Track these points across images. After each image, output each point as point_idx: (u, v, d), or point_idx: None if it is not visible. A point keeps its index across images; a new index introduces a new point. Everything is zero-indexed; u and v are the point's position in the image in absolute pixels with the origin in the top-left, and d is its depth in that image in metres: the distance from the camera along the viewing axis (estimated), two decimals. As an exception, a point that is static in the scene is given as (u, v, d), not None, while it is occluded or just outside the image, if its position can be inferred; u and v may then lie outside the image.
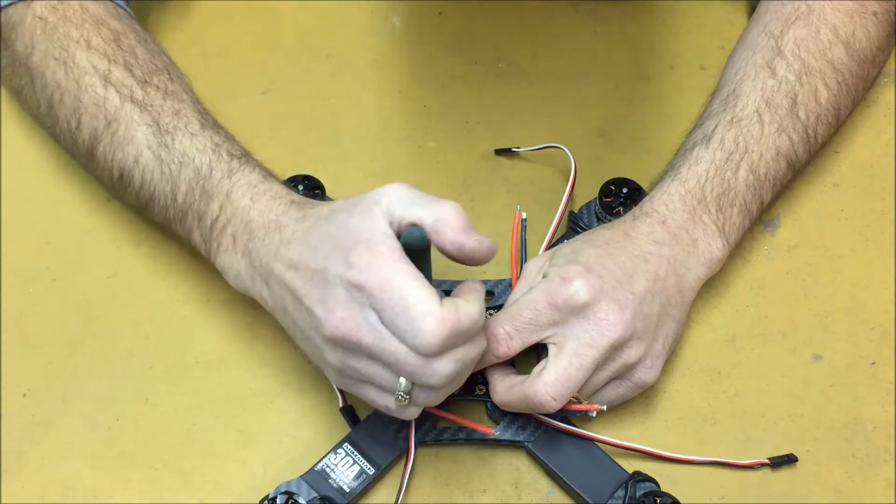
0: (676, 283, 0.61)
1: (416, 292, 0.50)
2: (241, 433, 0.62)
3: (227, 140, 0.62)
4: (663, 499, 0.57)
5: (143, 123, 0.62)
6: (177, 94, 0.63)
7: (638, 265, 0.59)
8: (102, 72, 0.63)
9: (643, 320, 0.58)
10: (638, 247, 0.60)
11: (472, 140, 0.74)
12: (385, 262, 0.51)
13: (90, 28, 0.64)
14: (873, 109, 0.75)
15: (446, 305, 0.50)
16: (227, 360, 0.65)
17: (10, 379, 0.64)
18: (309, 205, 0.57)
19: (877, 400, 0.63)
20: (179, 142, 0.61)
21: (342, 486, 0.58)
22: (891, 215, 0.70)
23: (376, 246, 0.51)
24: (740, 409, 0.63)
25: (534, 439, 0.60)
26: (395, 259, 0.51)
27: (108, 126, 0.62)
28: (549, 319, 0.57)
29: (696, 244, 0.62)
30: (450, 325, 0.50)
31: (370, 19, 0.79)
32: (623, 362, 0.58)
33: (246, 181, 0.59)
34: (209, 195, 0.59)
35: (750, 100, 0.65)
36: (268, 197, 0.58)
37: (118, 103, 0.62)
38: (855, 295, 0.67)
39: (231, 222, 0.58)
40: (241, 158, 0.60)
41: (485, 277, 0.67)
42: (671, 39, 0.79)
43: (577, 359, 0.57)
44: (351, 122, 0.74)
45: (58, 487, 0.60)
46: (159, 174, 0.61)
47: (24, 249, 0.68)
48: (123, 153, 0.62)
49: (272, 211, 0.57)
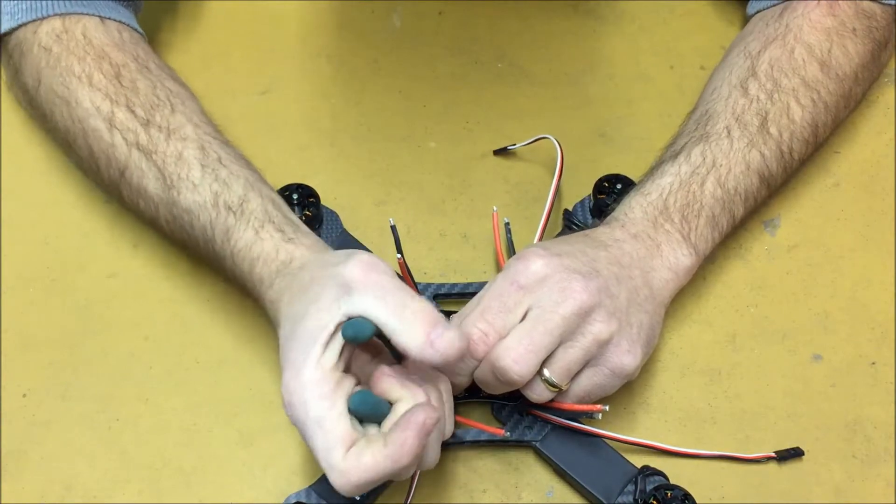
0: (642, 276, 0.60)
1: (320, 442, 0.50)
2: (241, 433, 0.62)
3: (225, 184, 0.61)
4: (674, 492, 0.57)
5: (151, 176, 0.62)
6: (178, 130, 0.63)
7: (598, 251, 0.59)
8: (106, 115, 0.63)
9: (610, 297, 0.57)
10: (597, 240, 0.61)
11: (472, 140, 0.74)
12: (298, 399, 0.51)
13: (92, 63, 0.65)
14: (873, 109, 0.75)
15: (353, 455, 0.50)
16: (227, 360, 0.65)
17: (10, 379, 0.64)
18: (290, 276, 0.57)
19: (877, 400, 0.63)
20: (184, 198, 0.61)
21: None
22: (891, 215, 0.70)
23: (297, 373, 0.52)
24: (740, 409, 0.63)
25: (541, 438, 0.60)
26: (307, 397, 0.51)
27: (122, 175, 0.63)
28: (515, 300, 0.57)
29: (659, 248, 0.61)
30: (354, 479, 0.50)
31: (370, 19, 0.79)
32: (594, 337, 0.56)
33: (243, 244, 0.59)
34: (221, 257, 0.61)
35: (721, 118, 0.65)
36: (259, 264, 0.58)
37: (126, 151, 0.63)
38: (855, 295, 0.67)
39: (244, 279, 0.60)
40: (236, 212, 0.60)
41: (483, 279, 0.67)
42: (671, 39, 0.79)
43: (541, 323, 0.56)
44: (351, 122, 0.74)
45: (58, 487, 0.60)
46: (178, 228, 0.62)
47: (24, 249, 0.68)
48: (145, 202, 0.63)
49: (261, 284, 0.58)
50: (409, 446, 0.50)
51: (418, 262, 0.67)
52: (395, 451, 0.50)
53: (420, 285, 0.65)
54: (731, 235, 0.66)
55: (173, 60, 0.76)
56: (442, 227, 0.70)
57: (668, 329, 0.66)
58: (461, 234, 0.70)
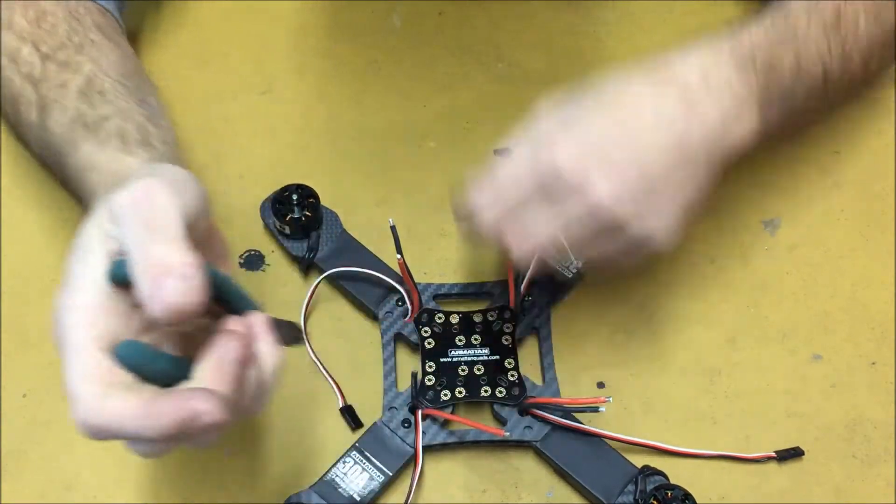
0: (684, 119, 0.54)
1: (71, 371, 0.44)
2: (241, 433, 0.62)
3: (92, 107, 0.58)
4: (674, 491, 0.57)
5: (33, 106, 0.59)
6: (75, 65, 0.60)
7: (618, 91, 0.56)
8: (12, 52, 0.61)
9: (601, 147, 0.53)
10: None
11: (472, 140, 0.74)
12: (61, 321, 0.44)
13: (18, 10, 0.62)
14: (873, 109, 0.75)
15: (106, 393, 0.43)
16: (227, 360, 0.64)
17: (10, 379, 0.64)
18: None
19: (877, 400, 0.63)
20: (52, 121, 0.58)
21: (353, 494, 0.58)
22: (891, 215, 0.70)
23: (67, 293, 0.45)
24: (740, 409, 0.63)
25: (541, 438, 0.60)
26: (70, 319, 0.44)
27: (18, 112, 0.61)
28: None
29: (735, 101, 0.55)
30: (92, 420, 0.43)
31: (370, 19, 0.79)
32: (574, 190, 0.52)
33: (84, 154, 0.55)
34: (69, 178, 0.57)
35: (797, 5, 0.61)
36: (94, 174, 0.54)
37: (19, 84, 0.60)
38: (855, 295, 0.67)
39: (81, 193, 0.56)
40: (91, 127, 0.56)
41: (483, 279, 0.67)
42: (671, 39, 0.78)
43: (510, 163, 0.54)
44: (351, 122, 0.74)
45: (58, 487, 0.60)
46: (48, 156, 0.59)
47: (24, 249, 0.68)
48: (30, 136, 0.60)
49: (92, 197, 0.53)
50: (164, 423, 0.42)
51: (418, 262, 0.67)
52: (149, 416, 0.42)
53: (420, 285, 0.65)
54: (731, 234, 0.65)
55: (173, 60, 0.76)
56: (442, 227, 0.70)
57: (669, 329, 0.66)
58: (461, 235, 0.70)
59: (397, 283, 0.65)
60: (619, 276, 0.62)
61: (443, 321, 0.64)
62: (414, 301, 0.64)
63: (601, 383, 0.64)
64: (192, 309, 0.42)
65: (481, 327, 0.63)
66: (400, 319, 0.64)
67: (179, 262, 0.43)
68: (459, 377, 0.62)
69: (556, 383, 0.62)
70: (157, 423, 0.42)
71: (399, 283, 0.65)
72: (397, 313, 0.65)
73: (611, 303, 0.67)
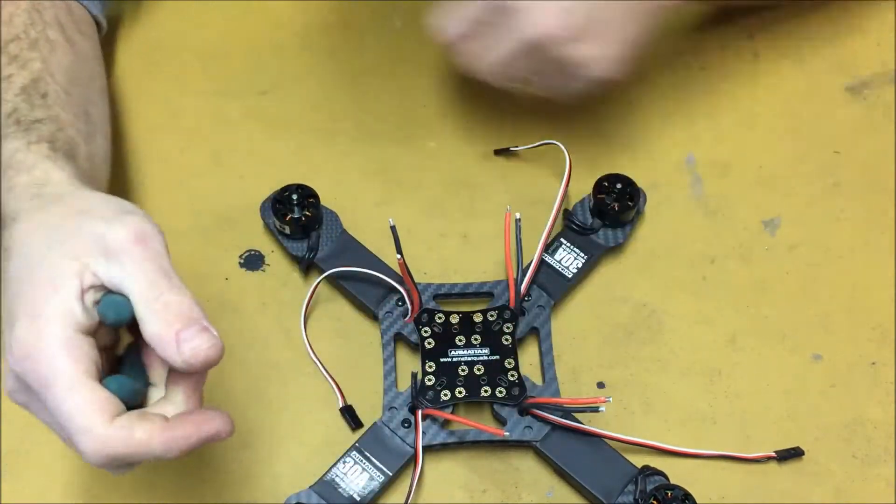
0: None
1: (75, 403, 0.44)
2: (240, 433, 0.62)
3: (31, 107, 0.56)
4: (674, 492, 0.57)
5: None
6: (23, 61, 0.58)
7: None
8: None
9: None
10: None
11: (472, 140, 0.74)
12: (43, 356, 0.44)
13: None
14: (873, 109, 0.75)
15: (122, 425, 0.45)
16: (227, 360, 0.64)
17: (10, 379, 0.64)
18: (40, 200, 0.50)
19: (877, 400, 0.63)
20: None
21: (353, 494, 0.58)
22: (891, 215, 0.70)
23: (40, 326, 0.44)
24: (740, 409, 0.63)
25: (541, 438, 0.60)
26: (56, 353, 0.44)
27: None
28: None
29: None
30: (113, 449, 0.45)
31: (370, 19, 0.79)
32: (518, 12, 0.59)
33: (9, 151, 0.54)
34: None
35: None
36: (10, 172, 0.53)
37: None
38: (855, 295, 0.67)
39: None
40: (22, 124, 0.55)
41: (483, 279, 0.67)
42: (673, 39, 0.79)
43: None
44: (351, 122, 0.74)
45: (58, 487, 0.60)
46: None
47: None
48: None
49: (9, 192, 0.52)
50: (188, 444, 0.46)
51: (418, 262, 0.67)
52: (175, 440, 0.45)
53: (420, 285, 0.65)
54: (731, 234, 0.65)
55: (172, 61, 0.76)
56: (442, 227, 0.70)
57: (669, 329, 0.66)
58: (461, 234, 0.70)
59: (397, 283, 0.65)
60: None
61: (443, 321, 0.64)
62: (414, 301, 0.64)
63: (601, 383, 0.64)
64: (217, 361, 0.47)
65: (481, 327, 0.63)
66: (400, 319, 0.64)
67: (199, 314, 0.46)
68: (459, 377, 0.62)
69: (555, 383, 0.62)
70: (184, 444, 0.46)
71: (399, 283, 0.65)
72: (397, 313, 0.65)
73: (611, 303, 0.67)
